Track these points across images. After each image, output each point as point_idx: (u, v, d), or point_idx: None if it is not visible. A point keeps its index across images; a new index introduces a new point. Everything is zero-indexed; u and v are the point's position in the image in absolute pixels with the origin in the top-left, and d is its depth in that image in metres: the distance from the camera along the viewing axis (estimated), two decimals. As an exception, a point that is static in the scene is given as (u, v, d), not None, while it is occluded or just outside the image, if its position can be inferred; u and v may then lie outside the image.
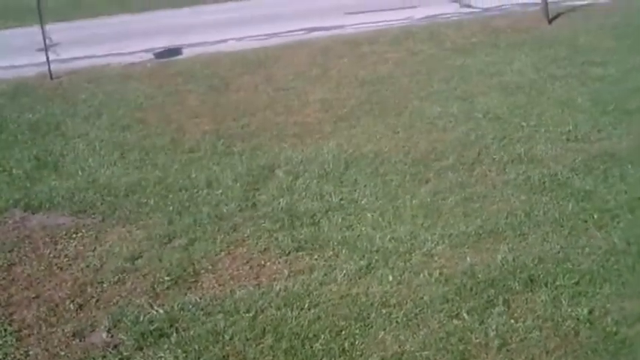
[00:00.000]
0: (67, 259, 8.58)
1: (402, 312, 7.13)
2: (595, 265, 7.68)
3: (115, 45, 19.17)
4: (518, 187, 9.56)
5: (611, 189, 9.23)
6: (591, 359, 6.35)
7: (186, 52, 18.39)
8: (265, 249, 8.48)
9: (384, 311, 7.17)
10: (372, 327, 6.94)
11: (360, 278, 7.75)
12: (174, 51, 18.42)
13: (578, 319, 6.86)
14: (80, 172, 10.99)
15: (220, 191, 10.00)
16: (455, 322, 6.94)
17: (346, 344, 6.71)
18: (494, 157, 10.54)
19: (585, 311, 6.95)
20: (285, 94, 14.32)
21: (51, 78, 16.58)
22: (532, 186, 9.54)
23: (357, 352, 6.60)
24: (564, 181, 9.59)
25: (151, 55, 18.22)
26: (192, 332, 7.01)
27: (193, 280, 7.96)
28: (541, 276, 7.54)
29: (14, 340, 7.15)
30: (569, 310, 7.00)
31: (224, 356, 6.65)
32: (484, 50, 16.35)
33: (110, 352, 6.85)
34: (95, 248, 8.77)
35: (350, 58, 16.65)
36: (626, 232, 8.22)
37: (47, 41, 16.87)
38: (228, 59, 17.28)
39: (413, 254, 8.13)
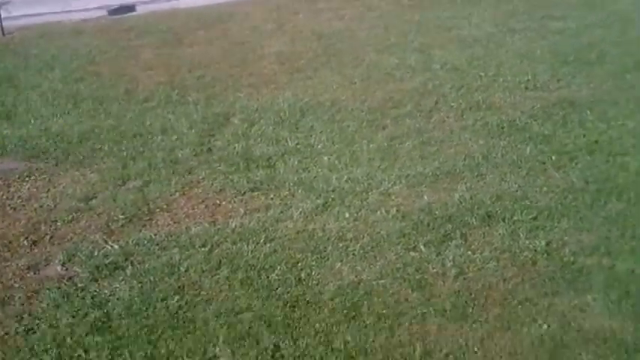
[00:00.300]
0: (20, 200, 8.42)
1: (359, 245, 7.08)
2: (553, 202, 7.68)
3: (68, 2, 18.85)
4: (476, 132, 9.53)
5: (570, 133, 9.24)
6: (548, 286, 6.33)
7: (140, 9, 18.13)
8: (221, 190, 8.38)
9: (340, 245, 7.11)
10: (328, 259, 6.89)
11: (316, 215, 7.69)
12: (128, 8, 18.15)
13: (535, 250, 6.86)
14: (33, 121, 10.77)
15: (175, 137, 9.87)
16: (412, 254, 6.91)
17: (302, 274, 6.65)
18: (452, 104, 10.51)
19: (543, 243, 6.94)
20: (241, 47, 14.15)
21: (3, 34, 16.26)
22: (490, 131, 9.52)
23: (314, 282, 6.54)
24: (523, 126, 9.58)
25: (104, 12, 17.94)
26: (147, 265, 6.91)
27: (148, 218, 7.84)
28: (498, 212, 7.53)
29: (-33, 274, 7.02)
30: (527, 242, 6.99)
31: (179, 287, 6.56)
32: (442, 6, 16.29)
33: (65, 284, 6.73)
34: (49, 190, 8.60)
35: (306, 14, 16.50)
36: (584, 172, 8.23)
37: (-1, -2, 16.62)
38: (182, 15, 17.04)
39: (370, 193, 8.08)
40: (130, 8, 18.08)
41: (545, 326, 5.81)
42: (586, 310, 6.01)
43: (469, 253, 6.86)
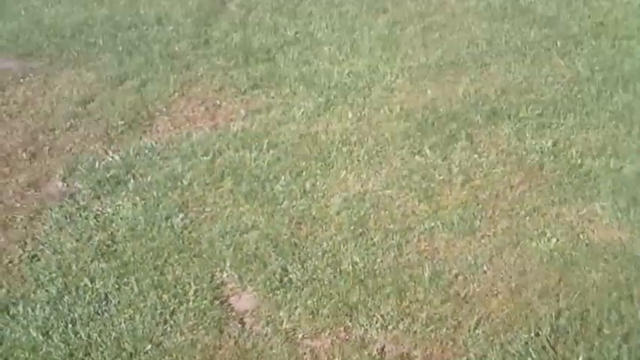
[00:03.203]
0: (16, 105, 8.23)
1: (363, 150, 6.97)
2: (559, 94, 7.57)
3: None
4: (479, 14, 9.35)
5: (575, 14, 9.09)
6: (556, 194, 6.25)
7: None
8: (220, 88, 8.24)
9: (344, 149, 7.00)
10: (332, 166, 6.78)
11: (318, 116, 7.57)
12: None
13: (542, 151, 6.77)
14: (24, 13, 10.52)
15: (171, 28, 9.67)
16: (417, 158, 6.80)
17: (307, 185, 6.55)
18: (454, -17, 10.26)
19: (550, 143, 6.85)
20: None
21: None
22: (493, 13, 9.33)
23: (319, 194, 6.44)
24: (526, 6, 9.41)
25: None
26: (149, 178, 6.79)
27: (148, 123, 7.71)
28: (504, 108, 7.42)
29: (-33, 194, 6.90)
30: (533, 142, 6.90)
31: (183, 202, 6.45)
32: None
33: (67, 202, 6.58)
34: (45, 93, 8.43)
35: None
36: (590, 59, 8.10)
37: None
38: None
39: (372, 89, 7.96)
40: None
41: (554, 240, 5.75)
42: (594, 219, 5.95)
43: (475, 156, 6.76)
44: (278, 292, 5.41)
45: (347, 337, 5.03)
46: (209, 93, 8.17)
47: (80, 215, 6.40)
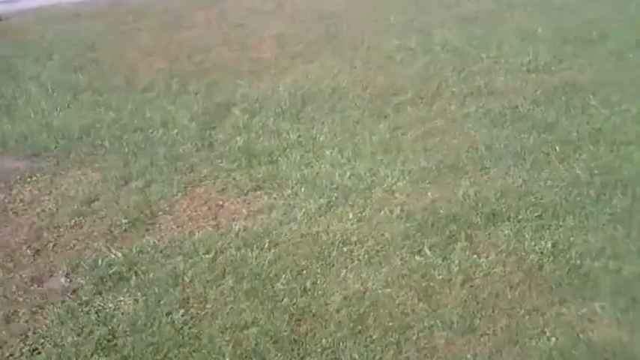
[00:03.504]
0: (22, 204, 8.32)
1: (364, 250, 7.02)
2: (558, 197, 7.64)
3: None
4: (479, 120, 9.50)
5: (573, 120, 9.22)
6: (555, 294, 6.27)
7: (138, -11, 18.01)
8: (223, 189, 8.33)
9: (345, 249, 7.05)
10: (333, 265, 6.82)
11: (320, 216, 7.63)
12: (126, -12, 18.03)
13: (541, 252, 6.80)
14: (33, 115, 10.70)
15: (176, 131, 9.81)
16: (417, 258, 6.84)
17: (308, 283, 6.58)
18: (454, 90, 10.48)
19: (549, 245, 6.88)
20: (240, 30, 14.10)
21: (-1, 19, 16.18)
22: (492, 119, 9.48)
23: (319, 292, 6.47)
24: (525, 113, 9.55)
25: (102, -7, 17.83)
26: (151, 275, 6.83)
27: (151, 222, 7.77)
28: (503, 210, 7.47)
29: (-31, 287, 6.95)
30: (533, 243, 6.93)
31: (184, 299, 6.49)
32: (441, -18, 16.18)
33: (69, 297, 6.63)
34: (51, 192, 8.52)
35: (305, -8, 16.41)
36: (588, 164, 8.20)
37: (-6, -19, 16.47)
38: (180, -4, 16.97)
39: (373, 191, 8.03)
40: (128, -12, 17.94)
41: (553, 339, 5.76)
42: (594, 320, 5.96)
43: (475, 256, 6.79)
44: (277, 387, 5.43)
45: None
46: (212, 194, 8.26)
47: (82, 310, 6.43)
